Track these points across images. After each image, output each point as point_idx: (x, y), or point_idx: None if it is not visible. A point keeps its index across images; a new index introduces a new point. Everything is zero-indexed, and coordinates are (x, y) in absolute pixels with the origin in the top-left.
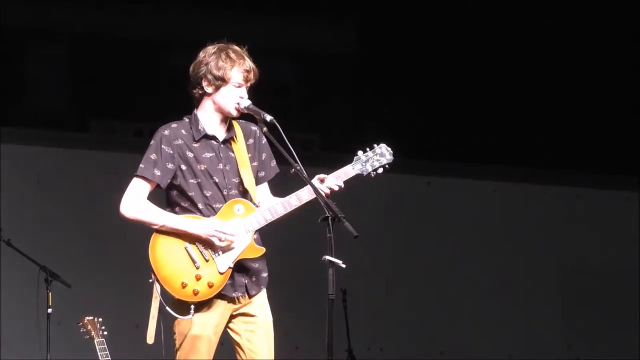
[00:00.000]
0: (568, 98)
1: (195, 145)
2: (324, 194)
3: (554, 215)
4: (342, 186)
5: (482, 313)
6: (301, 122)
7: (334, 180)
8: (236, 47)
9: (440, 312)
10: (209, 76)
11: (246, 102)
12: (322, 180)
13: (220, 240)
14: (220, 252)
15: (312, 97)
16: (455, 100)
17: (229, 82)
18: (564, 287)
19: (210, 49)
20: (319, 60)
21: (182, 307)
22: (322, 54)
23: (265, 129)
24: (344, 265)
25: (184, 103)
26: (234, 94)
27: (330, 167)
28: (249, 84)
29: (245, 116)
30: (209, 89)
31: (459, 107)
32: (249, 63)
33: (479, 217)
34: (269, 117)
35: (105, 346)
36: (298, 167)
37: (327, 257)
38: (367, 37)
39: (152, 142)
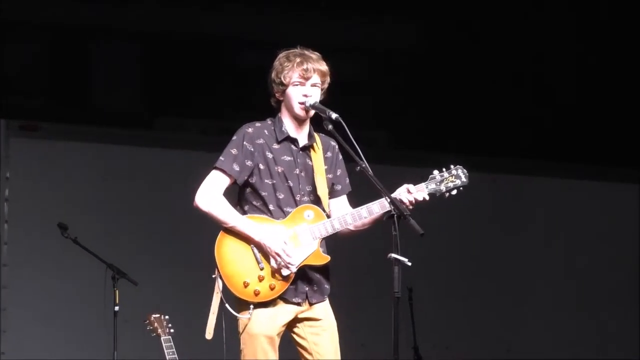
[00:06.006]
0: None
1: (276, 146)
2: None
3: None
4: (427, 199)
5: (548, 311)
6: (367, 119)
7: (420, 193)
8: (300, 50)
9: (506, 310)
10: (274, 85)
11: (311, 100)
12: (409, 191)
13: (276, 262)
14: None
15: (378, 94)
16: (523, 97)
17: (289, 84)
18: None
19: (277, 57)
20: (384, 57)
21: (242, 306)
22: (387, 50)
23: (330, 126)
24: (409, 263)
25: (251, 102)
26: (297, 94)
27: (398, 164)
28: (309, 82)
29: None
30: (278, 95)
31: (526, 104)
32: (308, 63)
33: (544, 214)
34: (334, 115)
35: (172, 343)
36: (363, 165)
37: (393, 255)
38: (433, 34)
39: (234, 138)
